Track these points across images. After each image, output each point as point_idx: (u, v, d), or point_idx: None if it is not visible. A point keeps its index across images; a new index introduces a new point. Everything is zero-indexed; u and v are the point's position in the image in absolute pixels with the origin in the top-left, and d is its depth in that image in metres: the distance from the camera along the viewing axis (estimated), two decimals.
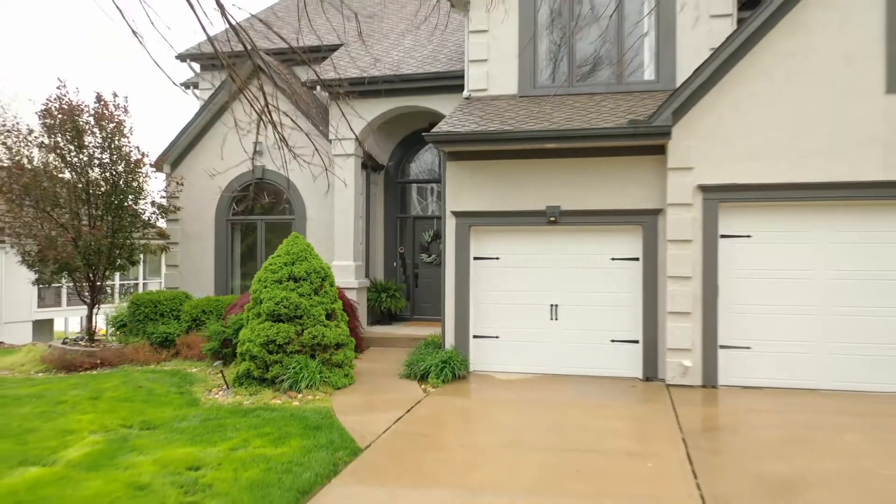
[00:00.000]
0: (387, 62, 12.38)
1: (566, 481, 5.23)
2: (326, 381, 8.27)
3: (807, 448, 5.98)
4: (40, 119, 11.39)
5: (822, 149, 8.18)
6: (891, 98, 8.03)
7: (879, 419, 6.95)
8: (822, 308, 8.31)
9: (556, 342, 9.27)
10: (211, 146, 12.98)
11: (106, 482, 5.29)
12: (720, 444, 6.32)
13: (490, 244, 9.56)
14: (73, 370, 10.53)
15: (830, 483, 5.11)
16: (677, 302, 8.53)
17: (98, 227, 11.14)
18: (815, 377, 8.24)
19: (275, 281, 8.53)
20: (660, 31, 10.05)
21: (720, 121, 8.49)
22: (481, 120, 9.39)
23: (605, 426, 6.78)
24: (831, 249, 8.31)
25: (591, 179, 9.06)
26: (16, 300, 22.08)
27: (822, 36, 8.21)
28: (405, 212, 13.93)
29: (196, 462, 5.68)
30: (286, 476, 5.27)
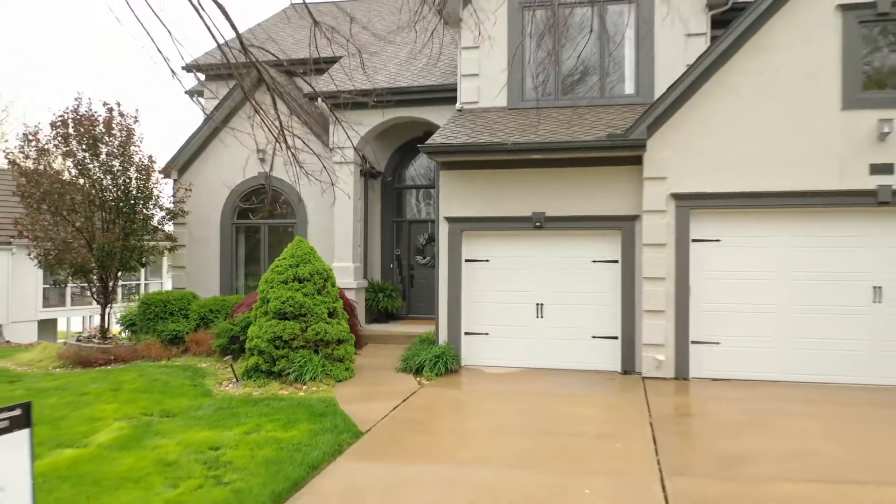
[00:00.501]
0: (384, 75, 13.08)
1: (543, 458, 5.94)
2: (329, 374, 8.97)
3: (761, 431, 6.71)
4: (54, 128, 12.05)
5: (785, 160, 8.92)
6: (846, 114, 8.77)
7: (831, 407, 7.69)
8: (784, 306, 9.05)
9: (541, 338, 9.99)
10: (216, 154, 13.65)
11: (137, 460, 5.99)
12: (683, 427, 7.05)
13: (481, 247, 10.27)
14: (89, 366, 11.18)
15: (775, 458, 5.83)
16: (652, 301, 9.26)
17: (111, 231, 11.79)
18: (778, 370, 8.97)
19: (281, 282, 9.22)
20: (639, 48, 10.79)
21: (691, 134, 9.22)
22: (472, 132, 10.11)
23: (582, 413, 7.50)
24: (793, 253, 9.05)
25: (573, 188, 9.77)
26: (21, 300, 22.68)
27: (785, 57, 8.95)
28: (401, 216, 14.63)
29: (215, 443, 6.38)
30: (297, 454, 5.97)
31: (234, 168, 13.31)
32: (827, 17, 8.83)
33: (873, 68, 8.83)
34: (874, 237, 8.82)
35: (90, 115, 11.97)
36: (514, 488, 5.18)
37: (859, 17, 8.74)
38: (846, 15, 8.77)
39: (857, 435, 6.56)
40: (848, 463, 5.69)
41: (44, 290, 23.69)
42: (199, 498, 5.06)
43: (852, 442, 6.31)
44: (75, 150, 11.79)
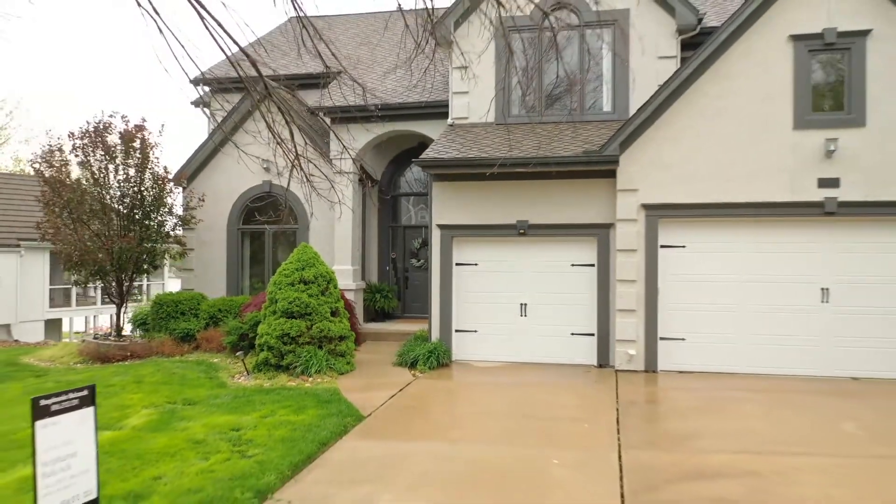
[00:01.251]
0: (380, 91, 14.01)
1: (522, 437, 6.91)
2: (332, 368, 9.91)
3: (710, 414, 7.71)
4: (73, 138, 12.92)
5: (743, 175, 9.92)
6: (797, 133, 9.78)
7: (776, 394, 8.68)
8: (742, 306, 10.05)
9: (525, 335, 10.96)
10: (223, 163, 14.56)
11: (169, 439, 6.92)
12: (645, 412, 8.03)
13: (470, 252, 11.24)
14: (107, 361, 12.05)
15: (717, 435, 6.82)
16: (624, 301, 10.24)
17: (128, 236, 12.67)
18: (736, 363, 9.98)
19: (288, 284, 10.15)
20: (615, 69, 11.79)
21: (660, 151, 10.21)
22: (462, 147, 11.07)
23: (558, 401, 8.47)
24: (750, 257, 10.05)
25: (554, 198, 10.75)
26: (29, 301, 23.51)
27: (743, 82, 9.95)
28: (396, 221, 15.58)
29: (236, 426, 7.31)
30: (308, 433, 6.91)
31: (239, 177, 14.24)
32: (780, 46, 9.83)
33: (821, 92, 9.83)
34: (822, 244, 9.84)
35: (109, 127, 12.85)
36: (495, 460, 6.15)
37: (808, 47, 9.76)
38: (797, 45, 9.78)
39: (791, 417, 7.56)
40: (776, 438, 6.68)
41: (50, 290, 24.53)
42: (229, 467, 6.00)
43: (785, 422, 7.31)
44: (98, 160, 12.63)
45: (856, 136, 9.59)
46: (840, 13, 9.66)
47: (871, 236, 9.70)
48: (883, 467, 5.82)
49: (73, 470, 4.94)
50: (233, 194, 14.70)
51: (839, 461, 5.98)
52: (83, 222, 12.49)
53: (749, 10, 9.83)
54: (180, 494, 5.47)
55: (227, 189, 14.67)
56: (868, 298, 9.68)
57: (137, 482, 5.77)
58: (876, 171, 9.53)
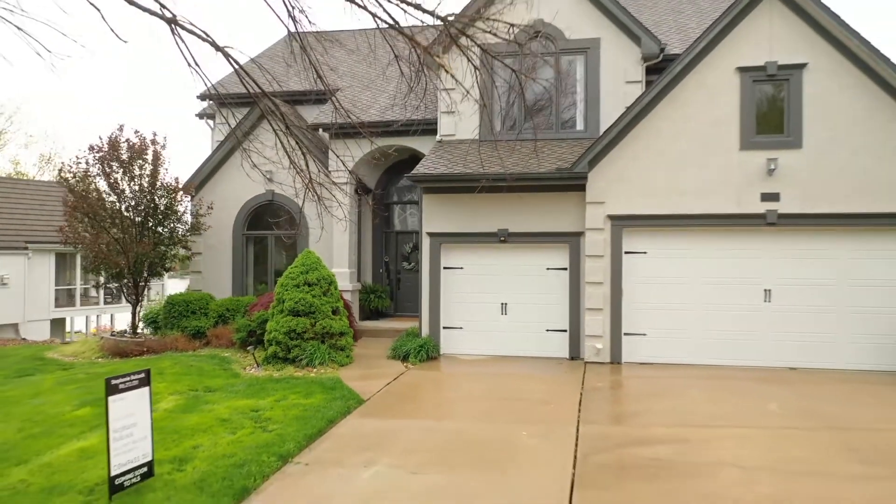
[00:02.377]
0: (375, 108, 15.27)
1: (497, 415, 8.20)
2: (333, 360, 11.15)
3: (660, 397, 9.03)
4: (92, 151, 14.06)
5: (696, 190, 11.26)
6: (743, 153, 11.14)
7: (720, 381, 10.01)
8: (696, 305, 11.39)
9: (505, 331, 12.25)
10: (229, 174, 15.76)
11: (199, 418, 8.15)
12: (604, 395, 9.35)
13: (456, 257, 12.52)
14: (126, 356, 13.22)
15: (661, 413, 8.15)
16: (593, 301, 11.56)
17: (143, 242, 13.84)
18: (691, 355, 11.31)
19: (294, 286, 11.39)
20: (587, 92, 13.11)
21: (624, 168, 11.53)
22: (450, 162, 12.35)
23: (531, 387, 9.78)
24: (703, 262, 11.40)
25: (531, 209, 12.05)
26: (36, 301, 24.54)
27: (696, 108, 11.29)
28: (389, 227, 16.83)
29: (255, 407, 8.55)
30: (318, 413, 8.16)
31: (244, 186, 15.44)
32: (728, 77, 11.19)
33: (764, 117, 11.19)
34: (765, 250, 11.20)
35: (124, 141, 14.02)
36: (474, 432, 7.44)
37: (753, 78, 11.11)
38: (743, 76, 11.13)
39: (727, 399, 8.90)
40: (710, 416, 8.02)
41: (55, 291, 25.58)
42: (254, 439, 7.25)
43: (721, 404, 8.65)
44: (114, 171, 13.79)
45: (794, 156, 10.96)
46: (780, 48, 11.02)
47: (807, 244, 11.06)
48: (786, 436, 7.15)
49: (135, 437, 6.20)
50: (238, 202, 15.90)
51: (754, 432, 7.31)
52: (105, 229, 13.64)
53: (701, 45, 11.18)
54: (217, 459, 6.71)
55: (233, 197, 15.86)
56: (804, 298, 11.05)
57: (179, 450, 7.01)
58: (811, 187, 10.89)
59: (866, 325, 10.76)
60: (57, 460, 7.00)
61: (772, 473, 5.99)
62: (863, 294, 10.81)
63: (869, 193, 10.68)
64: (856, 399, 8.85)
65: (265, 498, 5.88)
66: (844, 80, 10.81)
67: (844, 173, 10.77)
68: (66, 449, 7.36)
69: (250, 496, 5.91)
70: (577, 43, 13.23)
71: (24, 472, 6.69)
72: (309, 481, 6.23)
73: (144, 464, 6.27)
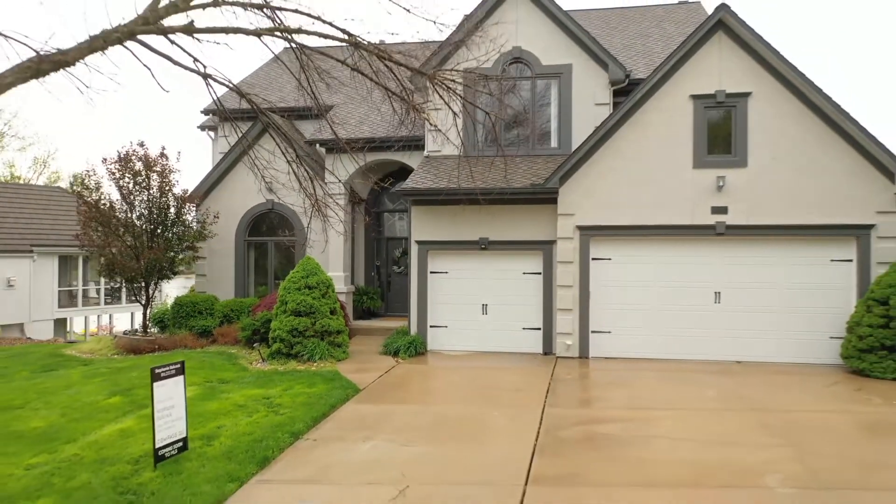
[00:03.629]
0: (368, 125, 16.58)
1: (475, 401, 9.56)
2: (332, 356, 12.46)
3: (618, 386, 10.43)
4: (106, 163, 15.26)
5: (654, 203, 12.67)
6: (696, 171, 12.56)
7: (673, 373, 11.42)
8: (654, 305, 12.80)
9: (486, 330, 13.62)
10: (231, 184, 17.01)
11: (218, 404, 9.44)
12: (570, 385, 10.74)
13: (442, 262, 13.86)
14: (139, 353, 14.43)
15: (616, 399, 9.54)
16: (563, 302, 12.94)
17: (154, 248, 15.06)
18: (650, 351, 12.72)
19: (296, 289, 12.68)
20: (561, 112, 14.52)
21: (591, 183, 12.93)
22: (435, 178, 13.69)
23: (507, 378, 11.15)
24: (661, 268, 12.81)
25: (509, 219, 13.41)
26: (41, 302, 25.63)
27: (654, 130, 12.71)
28: (380, 233, 18.15)
29: (266, 395, 9.85)
30: (321, 399, 9.48)
31: (245, 195, 16.72)
32: (683, 103, 12.61)
33: (714, 140, 12.62)
34: (715, 257, 12.63)
35: (136, 155, 15.24)
36: (454, 414, 8.78)
37: (704, 104, 12.54)
38: (696, 102, 12.56)
39: (675, 387, 10.32)
40: (656, 400, 9.43)
41: (58, 292, 26.67)
42: (268, 420, 8.56)
43: (668, 391, 10.07)
44: (127, 182, 15.01)
45: (740, 174, 12.40)
46: (728, 78, 12.46)
47: (752, 251, 12.51)
48: (714, 416, 8.57)
49: (173, 416, 7.50)
50: (240, 210, 17.15)
51: (689, 413, 8.72)
52: (119, 236, 14.86)
53: (659, 75, 12.59)
54: (239, 436, 8.02)
55: (235, 206, 17.11)
56: (749, 300, 12.50)
57: (205, 430, 8.31)
58: (755, 202, 12.34)
59: (801, 324, 12.23)
60: (101, 439, 8.28)
61: (693, 443, 7.39)
62: (798, 296, 12.28)
63: (803, 207, 12.14)
64: (783, 387, 10.30)
65: (283, 465, 7.20)
66: (783, 107, 12.27)
67: (783, 189, 12.22)
68: (107, 430, 8.64)
69: (270, 464, 7.23)
70: (552, 68, 14.63)
71: (75, 448, 7.96)
72: (318, 453, 7.56)
73: (180, 439, 7.57)
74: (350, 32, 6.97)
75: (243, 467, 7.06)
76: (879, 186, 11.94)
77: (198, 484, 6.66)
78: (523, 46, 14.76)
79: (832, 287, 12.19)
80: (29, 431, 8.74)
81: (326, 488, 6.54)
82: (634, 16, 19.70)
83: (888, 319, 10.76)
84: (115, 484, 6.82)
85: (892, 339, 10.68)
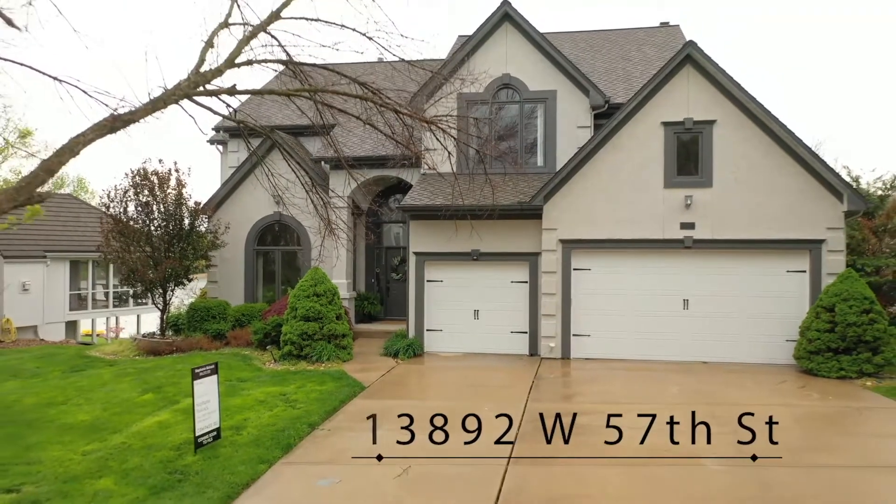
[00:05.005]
0: (369, 143, 17.89)
1: (467, 396, 10.90)
2: (338, 357, 13.77)
3: (593, 383, 11.79)
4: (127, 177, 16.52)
5: (629, 219, 14.04)
6: (666, 191, 13.94)
7: (644, 372, 12.78)
8: (630, 311, 14.17)
9: (477, 333, 14.97)
10: (241, 197, 18.30)
11: (241, 400, 10.74)
12: (551, 382, 12.09)
13: (437, 272, 15.20)
14: (159, 354, 15.68)
15: (590, 395, 10.90)
16: (547, 308, 14.30)
17: (172, 259, 16.33)
18: (625, 352, 14.09)
19: (305, 296, 13.99)
20: (546, 134, 15.88)
21: (573, 201, 14.29)
22: (432, 195, 15.03)
23: (495, 376, 12.49)
24: (635, 277, 14.18)
25: (498, 233, 14.76)
26: (53, 305, 26.81)
27: (629, 153, 14.08)
28: (380, 243, 19.47)
29: (282, 392, 11.15)
30: (331, 396, 10.79)
31: (254, 207, 18.04)
32: (654, 129, 13.99)
33: (682, 162, 14.00)
34: (683, 268, 14.02)
35: (154, 171, 16.51)
36: (449, 408, 10.11)
37: (674, 130, 13.93)
38: (666, 129, 13.94)
39: (643, 384, 11.69)
40: (625, 395, 10.79)
41: (70, 296, 27.85)
42: (287, 413, 9.86)
43: (637, 387, 11.44)
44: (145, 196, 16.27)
45: (706, 193, 13.79)
46: (696, 107, 13.84)
47: (716, 263, 13.90)
48: (672, 408, 9.91)
49: (209, 409, 8.80)
50: (249, 221, 18.44)
51: (652, 406, 10.07)
52: (140, 246, 16.12)
53: (633, 104, 13.97)
54: (263, 427, 9.33)
55: (245, 217, 18.40)
56: (714, 306, 13.88)
57: (233, 422, 9.61)
58: (719, 219, 13.72)
59: (760, 328, 13.62)
60: (143, 429, 9.58)
61: (649, 429, 8.75)
62: (758, 303, 13.67)
63: (762, 223, 13.54)
64: (738, 384, 11.67)
65: (303, 450, 8.52)
66: (745, 133, 13.66)
67: (744, 207, 13.62)
68: (146, 422, 9.93)
69: (293, 449, 8.55)
70: (538, 93, 15.99)
71: (122, 438, 9.26)
72: (332, 440, 8.88)
73: (215, 429, 8.87)
74: (366, 85, 8.28)
75: (270, 452, 8.37)
76: (829, 205, 13.35)
77: (234, 465, 7.97)
78: (512, 73, 16.12)
79: (787, 295, 13.59)
80: (77, 424, 10.02)
81: (341, 468, 7.86)
82: (617, 38, 21.09)
83: (833, 325, 12.16)
84: (164, 466, 8.12)
85: (836, 342, 12.08)
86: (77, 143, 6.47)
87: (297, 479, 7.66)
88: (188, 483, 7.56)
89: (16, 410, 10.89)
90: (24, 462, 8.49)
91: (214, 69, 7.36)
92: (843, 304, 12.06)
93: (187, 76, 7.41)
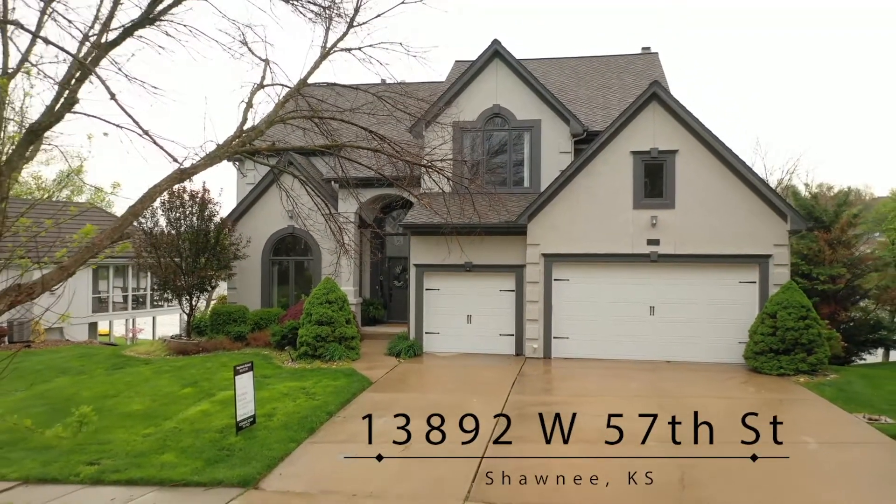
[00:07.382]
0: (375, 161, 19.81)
1: (459, 391, 12.88)
2: (348, 356, 15.74)
3: (569, 379, 13.77)
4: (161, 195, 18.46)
5: (603, 236, 16.01)
6: (635, 211, 15.91)
7: (614, 370, 14.74)
8: (604, 317, 16.14)
9: (470, 336, 16.94)
10: (258, 212, 20.27)
11: (268, 393, 12.70)
12: (532, 379, 14.06)
13: (435, 281, 17.18)
14: (187, 354, 17.61)
15: (565, 389, 12.88)
16: (531, 313, 16.28)
17: (199, 270, 18.29)
18: (600, 353, 16.06)
19: (319, 303, 15.96)
20: (531, 158, 17.85)
21: (554, 219, 16.26)
22: (430, 213, 16.99)
23: (484, 373, 14.47)
24: (608, 287, 16.16)
25: (489, 247, 16.73)
26: (77, 306, 28.73)
27: (603, 178, 16.06)
28: (383, 253, 21.44)
29: (302, 387, 13.12)
30: (345, 390, 12.76)
31: (269, 221, 20.02)
32: (625, 157, 15.96)
33: (649, 186, 15.97)
34: (650, 279, 15.99)
35: (183, 189, 18.48)
36: (444, 400, 12.10)
37: (642, 158, 15.90)
38: (635, 157, 15.92)
39: (611, 380, 13.66)
40: (594, 389, 12.77)
41: (92, 298, 29.82)
42: (309, 404, 11.83)
43: (606, 383, 13.41)
44: (175, 215, 18.24)
45: (669, 214, 15.76)
46: (660, 138, 15.81)
47: (679, 274, 15.87)
48: (630, 400, 11.89)
49: (246, 399, 10.78)
50: (265, 234, 20.41)
51: (613, 398, 12.04)
52: (170, 257, 18.10)
53: (607, 135, 15.94)
54: (289, 414, 11.31)
55: (261, 230, 20.37)
56: (677, 312, 15.85)
57: (264, 410, 11.58)
58: (681, 236, 15.69)
59: (717, 331, 15.60)
60: (190, 416, 11.55)
61: (607, 418, 10.73)
62: (714, 310, 15.65)
63: (718, 240, 15.52)
64: (691, 380, 13.66)
65: (325, 433, 10.50)
66: (703, 161, 15.64)
67: (702, 226, 15.59)
68: (191, 411, 11.90)
69: (316, 432, 10.53)
70: (524, 122, 17.97)
71: (173, 423, 11.23)
72: (348, 425, 10.86)
73: (251, 416, 10.84)
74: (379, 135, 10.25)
75: (298, 434, 10.35)
76: (775, 224, 15.33)
77: (270, 444, 9.94)
78: (501, 104, 18.09)
79: (740, 303, 15.57)
80: (133, 412, 12.00)
81: (358, 445, 9.84)
82: (600, 66, 23.05)
83: (775, 329, 14.13)
84: (213, 444, 10.10)
85: (777, 344, 14.06)
86: (155, 192, 8.40)
87: (323, 454, 9.65)
88: (235, 457, 9.54)
89: (77, 402, 12.82)
90: (97, 442, 10.47)
91: (257, 129, 9.31)
92: (783, 311, 14.03)
93: (235, 134, 9.36)
